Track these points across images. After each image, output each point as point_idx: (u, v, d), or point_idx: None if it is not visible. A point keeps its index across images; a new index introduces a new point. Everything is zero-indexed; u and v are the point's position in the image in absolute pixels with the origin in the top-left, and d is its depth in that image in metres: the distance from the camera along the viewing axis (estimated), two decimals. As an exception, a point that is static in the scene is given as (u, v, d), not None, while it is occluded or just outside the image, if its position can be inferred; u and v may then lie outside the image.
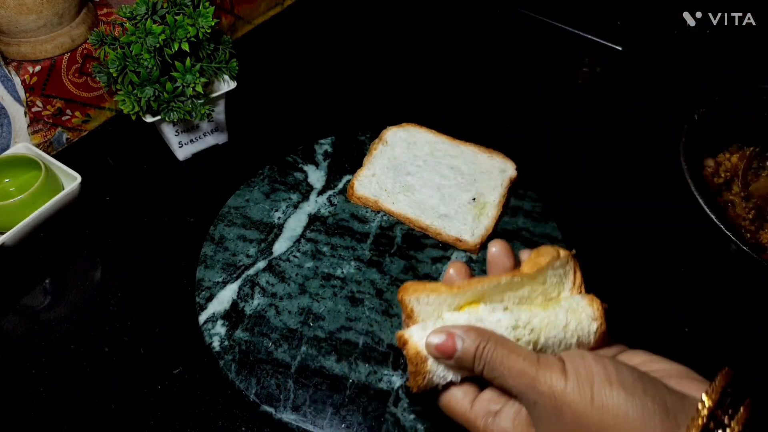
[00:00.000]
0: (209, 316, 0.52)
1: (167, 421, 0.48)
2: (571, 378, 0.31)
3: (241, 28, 0.86)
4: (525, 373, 0.32)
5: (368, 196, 0.60)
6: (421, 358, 0.35)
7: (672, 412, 0.30)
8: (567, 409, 0.30)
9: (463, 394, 0.36)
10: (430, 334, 0.35)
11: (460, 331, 0.34)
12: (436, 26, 0.90)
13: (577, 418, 0.30)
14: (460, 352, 0.34)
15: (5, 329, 0.54)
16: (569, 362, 0.32)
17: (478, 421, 0.35)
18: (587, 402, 0.30)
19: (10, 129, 0.64)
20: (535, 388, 0.31)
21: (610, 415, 0.29)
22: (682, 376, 0.33)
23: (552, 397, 0.31)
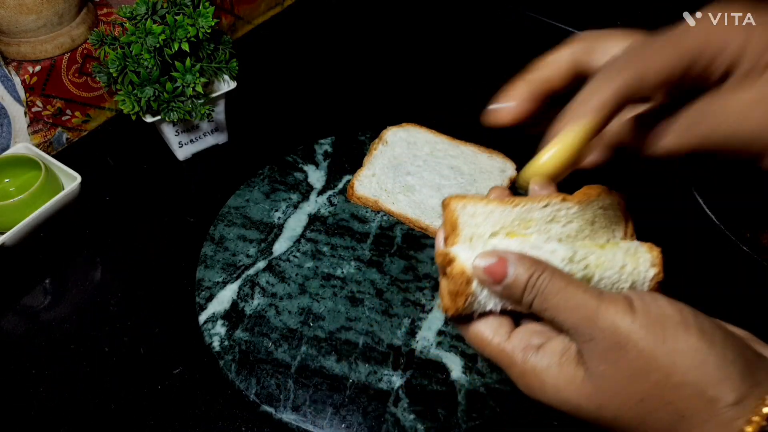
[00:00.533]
0: (209, 316, 0.52)
1: (167, 421, 0.48)
2: (640, 315, 0.27)
3: (241, 28, 0.86)
4: (584, 306, 0.28)
5: (368, 196, 0.60)
6: (466, 279, 0.31)
7: (752, 366, 0.27)
8: (632, 348, 0.27)
9: (499, 325, 0.32)
10: (479, 256, 0.31)
11: (512, 257, 0.30)
12: (436, 26, 0.90)
13: (643, 358, 0.27)
14: (510, 278, 0.30)
15: (5, 329, 0.54)
16: (638, 299, 0.28)
17: (515, 354, 0.31)
18: (658, 342, 0.27)
19: (10, 129, 0.64)
20: (595, 323, 0.27)
21: (685, 359, 0.26)
22: (752, 339, 0.30)
23: (615, 334, 0.27)
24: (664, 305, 0.28)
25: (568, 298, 0.29)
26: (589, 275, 0.32)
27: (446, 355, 0.50)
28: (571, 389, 0.29)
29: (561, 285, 0.29)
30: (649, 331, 0.27)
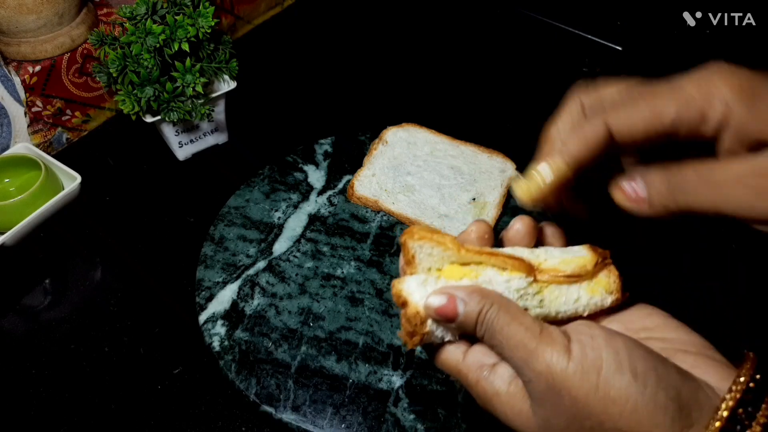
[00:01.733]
0: (209, 316, 0.52)
1: (167, 421, 0.48)
2: (575, 359, 0.28)
3: (241, 28, 0.86)
4: (523, 346, 0.29)
5: (368, 196, 0.60)
6: (420, 319, 0.32)
7: (686, 408, 0.27)
8: (566, 394, 0.27)
9: (455, 347, 0.33)
10: (431, 295, 0.31)
11: (462, 293, 0.31)
12: (436, 26, 0.90)
13: (577, 406, 0.27)
14: (461, 316, 0.30)
15: (5, 329, 0.54)
16: (576, 341, 0.28)
17: (470, 375, 0.31)
18: (591, 389, 0.27)
19: (10, 129, 0.64)
20: (532, 365, 0.28)
21: (616, 406, 0.27)
22: (699, 351, 0.30)
23: (550, 378, 0.28)
24: (600, 346, 0.28)
25: (511, 336, 0.29)
26: (545, 310, 0.32)
27: (446, 355, 0.50)
28: (519, 420, 0.30)
29: (506, 320, 0.29)
30: (583, 377, 0.27)
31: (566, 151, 0.32)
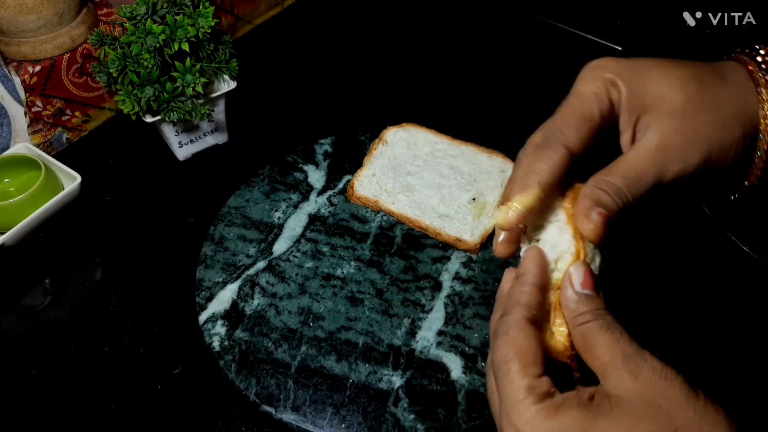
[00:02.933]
0: (209, 316, 0.52)
1: (167, 421, 0.48)
2: None
3: (241, 28, 0.86)
4: None
5: (368, 196, 0.60)
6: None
7: None
8: None
9: None
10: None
11: None
12: (436, 26, 0.90)
13: None
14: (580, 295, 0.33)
15: (5, 329, 0.54)
16: None
17: None
18: None
19: (10, 129, 0.64)
20: None
21: None
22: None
23: None
24: None
25: None
26: None
27: (446, 355, 0.50)
28: None
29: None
30: None
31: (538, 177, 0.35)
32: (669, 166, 0.34)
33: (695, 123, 0.34)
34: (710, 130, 0.34)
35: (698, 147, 0.34)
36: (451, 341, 0.51)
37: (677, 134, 0.34)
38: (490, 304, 0.53)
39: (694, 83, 0.35)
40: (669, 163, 0.34)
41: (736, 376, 0.51)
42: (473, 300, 0.54)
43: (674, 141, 0.34)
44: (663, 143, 0.34)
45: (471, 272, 0.56)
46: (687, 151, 0.34)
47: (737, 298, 0.56)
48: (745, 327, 0.55)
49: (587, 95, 0.36)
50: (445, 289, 0.54)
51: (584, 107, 0.36)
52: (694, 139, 0.34)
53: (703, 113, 0.34)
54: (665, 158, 0.34)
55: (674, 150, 0.34)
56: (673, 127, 0.34)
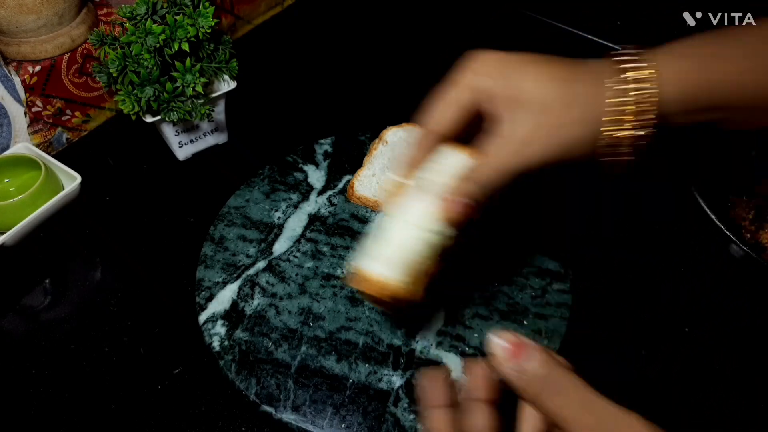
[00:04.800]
0: (209, 316, 0.52)
1: (167, 421, 0.48)
2: None
3: (241, 28, 0.86)
4: None
5: (368, 196, 0.60)
6: None
7: None
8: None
9: None
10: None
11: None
12: (437, 26, 0.90)
13: None
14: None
15: (5, 329, 0.54)
16: None
17: None
18: None
19: (10, 129, 0.64)
20: None
21: None
22: None
23: None
24: None
25: None
26: None
27: (446, 355, 0.50)
28: None
29: None
30: None
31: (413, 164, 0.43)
32: (532, 157, 0.38)
33: (559, 119, 0.38)
34: (573, 125, 0.38)
35: (560, 140, 0.38)
36: (451, 341, 0.51)
37: (542, 128, 0.38)
38: (491, 304, 0.53)
39: (563, 81, 0.38)
40: (532, 154, 0.38)
41: (736, 376, 0.51)
42: (473, 300, 0.54)
43: (538, 134, 0.38)
44: (527, 136, 0.38)
45: (471, 272, 0.56)
46: (550, 143, 0.38)
47: (737, 298, 0.56)
48: (744, 327, 0.55)
49: (463, 86, 0.41)
50: (445, 289, 0.54)
51: (460, 98, 0.41)
52: (556, 133, 0.38)
53: (568, 110, 0.38)
54: (529, 150, 0.38)
55: (538, 142, 0.38)
56: (538, 121, 0.38)
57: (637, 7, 0.83)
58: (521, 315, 0.53)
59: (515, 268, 0.56)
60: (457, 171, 0.42)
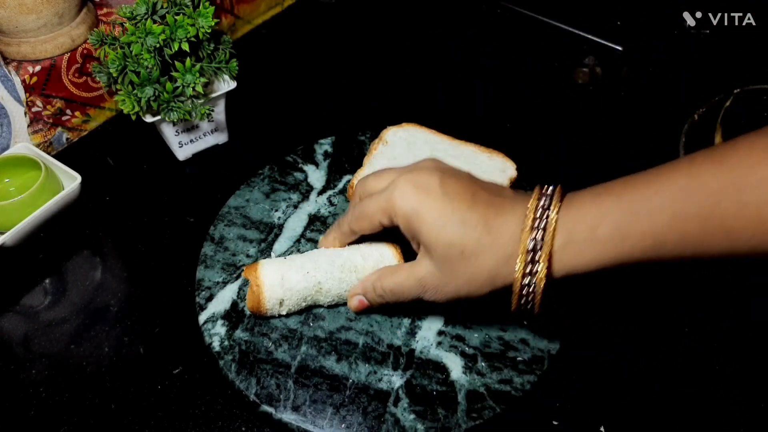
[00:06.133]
0: (209, 316, 0.52)
1: (167, 421, 0.48)
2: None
3: (241, 28, 0.86)
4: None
5: (368, 196, 0.60)
6: None
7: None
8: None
9: None
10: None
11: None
12: (437, 26, 0.90)
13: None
14: None
15: (5, 329, 0.54)
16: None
17: None
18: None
19: (10, 129, 0.64)
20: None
21: None
22: None
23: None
24: None
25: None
26: None
27: (446, 355, 0.50)
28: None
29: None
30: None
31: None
32: (425, 295, 0.45)
33: (451, 272, 0.42)
34: (462, 279, 0.41)
35: (447, 288, 0.43)
36: (451, 341, 0.51)
37: (435, 277, 0.43)
38: (491, 304, 0.53)
39: (469, 227, 0.40)
40: (426, 293, 0.44)
41: (736, 376, 0.51)
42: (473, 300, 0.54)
43: (431, 282, 0.43)
44: (423, 280, 0.44)
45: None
46: (439, 290, 0.43)
47: (737, 298, 0.56)
48: (744, 327, 0.55)
49: (371, 221, 0.46)
50: (445, 289, 0.54)
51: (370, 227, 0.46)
52: (446, 283, 0.42)
53: (461, 264, 0.41)
54: (423, 290, 0.44)
55: (430, 288, 0.44)
56: (431, 268, 0.43)
57: (637, 7, 0.83)
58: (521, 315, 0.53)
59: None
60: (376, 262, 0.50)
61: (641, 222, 0.36)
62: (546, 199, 0.39)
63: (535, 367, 0.49)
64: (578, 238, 0.38)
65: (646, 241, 0.37)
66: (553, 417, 0.48)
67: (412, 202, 0.42)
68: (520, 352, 0.50)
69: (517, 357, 0.50)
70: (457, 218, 0.40)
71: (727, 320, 0.55)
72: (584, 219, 0.38)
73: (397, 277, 0.46)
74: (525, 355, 0.50)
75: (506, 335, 0.51)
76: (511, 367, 0.49)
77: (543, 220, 0.38)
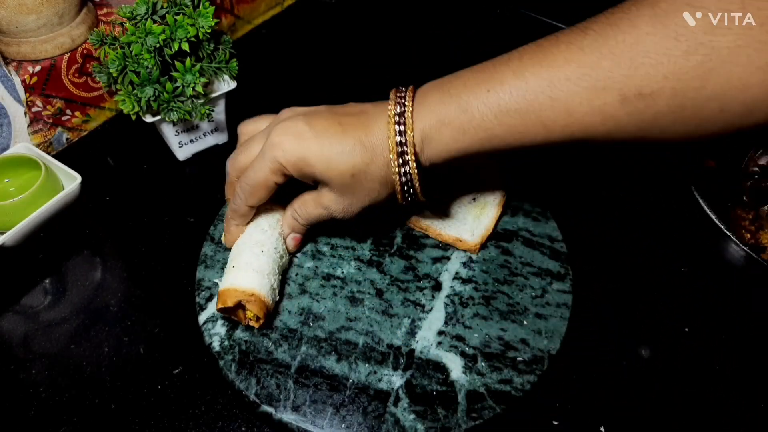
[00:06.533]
0: (209, 316, 0.52)
1: (167, 421, 0.48)
2: None
3: (241, 28, 0.86)
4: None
5: (368, 196, 0.60)
6: None
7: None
8: None
9: None
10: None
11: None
12: (437, 26, 0.90)
13: None
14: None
15: (5, 329, 0.54)
16: None
17: None
18: None
19: (10, 129, 0.64)
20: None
21: None
22: None
23: None
24: None
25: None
26: None
27: (446, 355, 0.50)
28: None
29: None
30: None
31: (233, 224, 0.54)
32: (336, 217, 0.49)
33: (350, 194, 0.47)
34: (362, 195, 0.47)
35: (352, 207, 0.48)
36: (451, 341, 0.51)
37: (339, 202, 0.48)
38: (491, 304, 0.53)
39: (347, 163, 0.45)
40: (333, 214, 0.49)
41: (736, 376, 0.51)
42: (473, 300, 0.54)
43: (337, 207, 0.48)
44: (329, 207, 0.49)
45: (471, 272, 0.56)
46: (347, 210, 0.48)
47: (737, 298, 0.56)
48: (744, 327, 0.55)
49: (269, 187, 0.48)
50: (445, 289, 0.54)
51: (266, 189, 0.49)
52: (349, 203, 0.48)
53: (356, 185, 0.46)
54: (331, 213, 0.49)
55: (338, 211, 0.49)
56: (332, 196, 0.48)
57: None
58: (521, 315, 0.53)
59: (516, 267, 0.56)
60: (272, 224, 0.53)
61: (474, 119, 0.42)
62: (401, 105, 0.45)
63: (535, 367, 0.49)
64: (431, 135, 0.44)
65: (480, 134, 0.42)
66: (553, 417, 0.48)
67: (295, 153, 0.45)
68: (520, 352, 0.50)
69: (517, 357, 0.50)
70: (336, 150, 0.45)
71: (727, 320, 0.55)
72: (433, 116, 0.44)
73: (307, 207, 0.50)
74: (525, 355, 0.50)
75: (506, 335, 0.51)
76: (511, 367, 0.49)
77: (402, 125, 0.44)
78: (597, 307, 0.55)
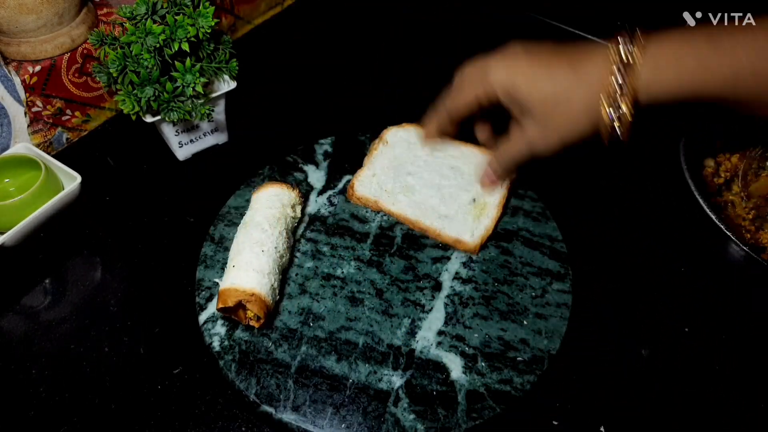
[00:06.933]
0: (209, 316, 0.52)
1: (167, 421, 0.48)
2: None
3: (241, 28, 0.86)
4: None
5: (368, 197, 0.60)
6: None
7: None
8: None
9: None
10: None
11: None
12: (437, 26, 0.90)
13: None
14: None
15: (5, 329, 0.54)
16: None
17: None
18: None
19: (10, 129, 0.64)
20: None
21: None
22: None
23: None
24: None
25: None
26: None
27: (446, 355, 0.50)
28: None
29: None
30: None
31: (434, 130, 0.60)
32: (535, 151, 0.50)
33: (552, 122, 0.47)
34: (563, 125, 0.47)
35: (552, 139, 0.48)
36: (451, 341, 0.51)
37: (541, 134, 0.49)
38: (491, 304, 0.53)
39: (560, 80, 0.46)
40: (535, 149, 0.50)
41: (736, 376, 0.51)
42: (473, 300, 0.54)
43: (539, 138, 0.49)
44: (532, 139, 0.50)
45: (471, 272, 0.56)
46: (547, 141, 0.49)
47: (737, 298, 0.56)
48: (744, 327, 0.55)
49: (468, 97, 0.52)
50: (445, 289, 0.54)
51: (467, 103, 0.52)
52: (550, 135, 0.48)
53: (564, 107, 0.46)
54: (531, 146, 0.50)
55: (537, 141, 0.49)
56: (535, 126, 0.49)
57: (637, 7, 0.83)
58: (521, 315, 0.53)
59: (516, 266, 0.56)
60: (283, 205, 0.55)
61: (724, 55, 0.41)
62: (627, 36, 0.44)
63: (535, 367, 0.49)
64: (663, 65, 0.42)
65: (725, 73, 0.41)
66: (553, 417, 0.48)
67: (505, 73, 0.48)
68: (520, 352, 0.50)
69: (517, 357, 0.50)
70: (544, 72, 0.46)
71: (727, 320, 0.55)
72: (669, 50, 0.42)
73: (511, 148, 0.52)
74: (525, 355, 0.50)
75: (506, 335, 0.51)
76: (511, 367, 0.49)
77: (627, 55, 0.43)
78: (597, 307, 0.55)
